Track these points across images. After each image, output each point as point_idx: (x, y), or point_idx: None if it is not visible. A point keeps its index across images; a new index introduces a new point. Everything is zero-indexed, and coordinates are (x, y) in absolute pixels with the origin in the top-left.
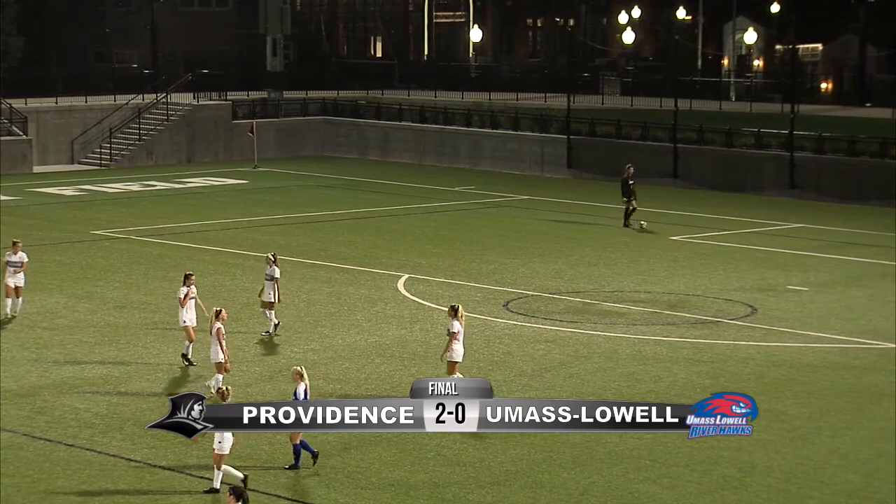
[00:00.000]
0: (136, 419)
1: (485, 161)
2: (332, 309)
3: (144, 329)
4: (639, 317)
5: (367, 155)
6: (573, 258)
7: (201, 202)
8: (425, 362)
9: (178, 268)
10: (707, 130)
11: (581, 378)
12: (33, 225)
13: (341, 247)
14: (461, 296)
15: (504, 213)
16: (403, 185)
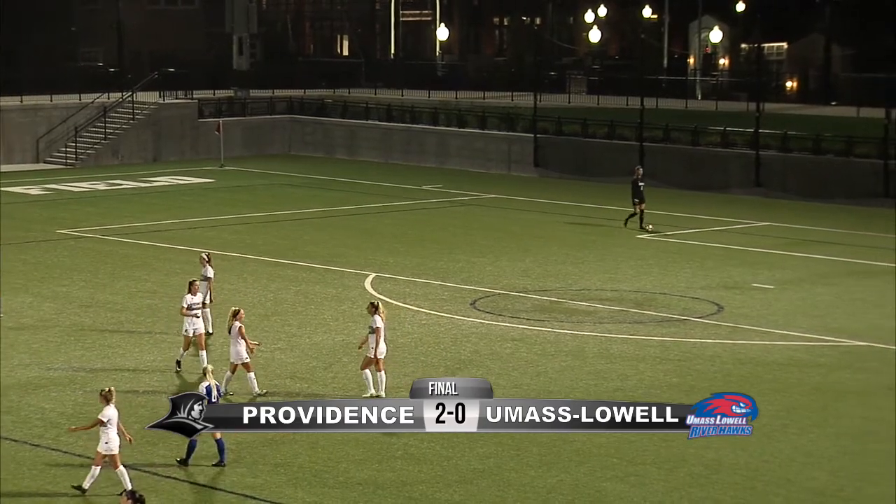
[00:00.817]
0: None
1: (452, 160)
2: (300, 308)
3: (111, 329)
4: (606, 315)
5: (333, 154)
6: (540, 256)
7: (167, 201)
8: (392, 361)
9: (145, 267)
10: (673, 129)
11: (548, 376)
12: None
13: (308, 245)
14: (428, 294)
15: (471, 211)
16: (370, 184)
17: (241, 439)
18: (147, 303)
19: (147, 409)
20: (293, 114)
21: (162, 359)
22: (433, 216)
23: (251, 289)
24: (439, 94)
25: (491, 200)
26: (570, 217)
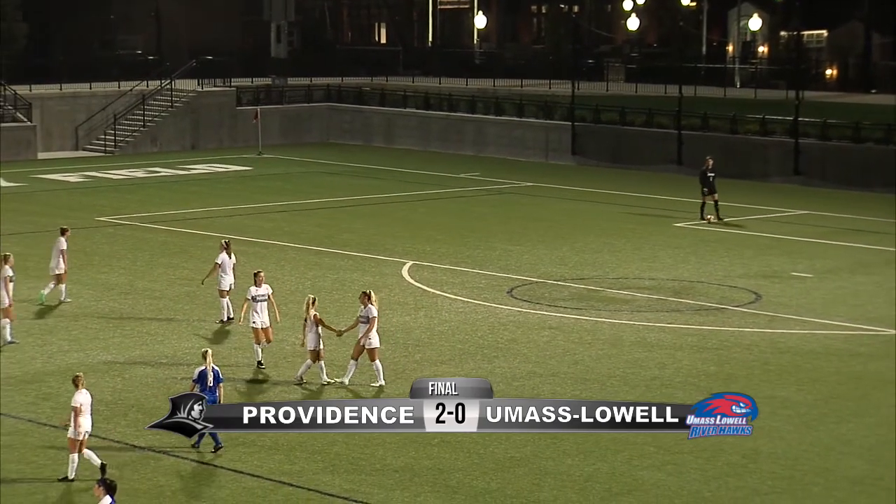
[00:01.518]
0: (141, 406)
1: (489, 148)
2: (337, 296)
3: (149, 316)
4: (643, 303)
5: (371, 142)
6: (577, 245)
7: (205, 189)
8: (429, 348)
9: (183, 254)
10: (711, 117)
11: (585, 364)
12: (37, 211)
13: (346, 233)
14: (466, 282)
15: (509, 199)
16: (408, 172)
17: None
18: (185, 290)
19: None
20: (331, 102)
21: (200, 346)
22: (471, 204)
23: (289, 277)
24: (477, 83)
25: (528, 188)
26: (608, 205)
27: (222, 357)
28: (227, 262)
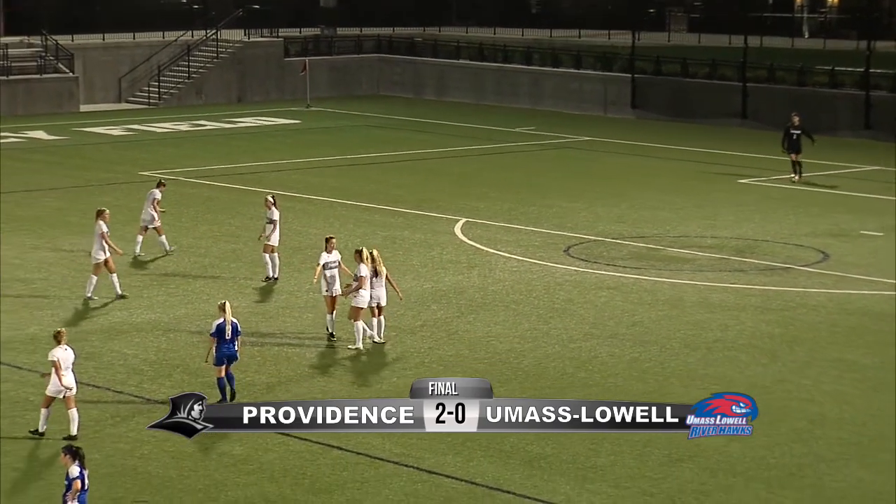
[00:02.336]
0: (186, 366)
1: (546, 101)
2: (387, 254)
3: (194, 274)
4: (705, 263)
5: (423, 94)
6: (637, 202)
7: (252, 143)
8: (483, 309)
9: (228, 210)
10: (778, 69)
11: (645, 326)
12: (80, 166)
13: (396, 189)
14: (520, 240)
15: (566, 154)
16: (461, 126)
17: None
18: (231, 247)
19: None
20: (381, 53)
21: (246, 305)
22: (526, 160)
23: (337, 234)
24: (533, 33)
25: (586, 143)
26: (669, 161)
27: (269, 317)
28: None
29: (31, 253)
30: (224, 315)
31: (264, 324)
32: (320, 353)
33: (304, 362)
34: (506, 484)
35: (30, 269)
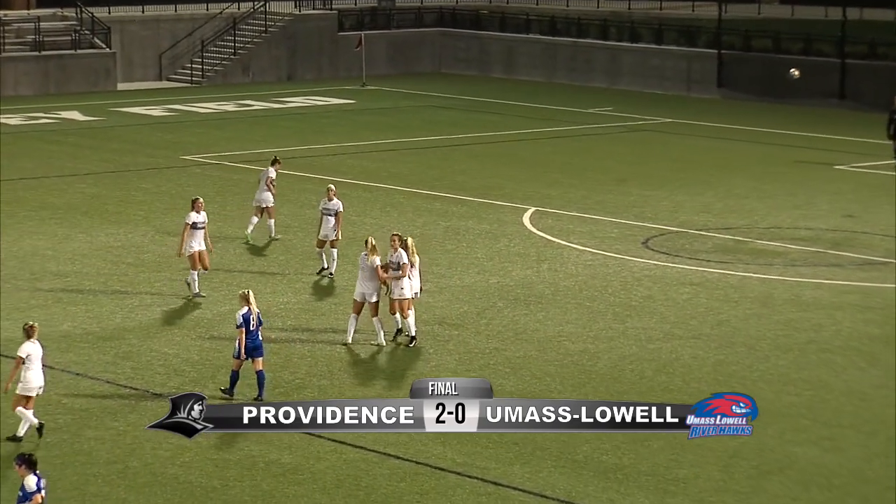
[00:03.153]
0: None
1: (623, 79)
2: (449, 246)
3: (240, 268)
4: (798, 257)
5: (489, 72)
6: (723, 190)
7: (303, 124)
8: (553, 306)
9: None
10: (880, 44)
11: (731, 325)
12: (117, 149)
13: (460, 175)
14: (595, 231)
15: (645, 138)
16: (530, 107)
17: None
18: (280, 238)
19: (280, 356)
20: (444, 26)
21: (296, 301)
22: (601, 143)
23: (395, 224)
24: (610, 4)
25: (667, 126)
26: (758, 145)
27: (320, 314)
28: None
29: (65, 244)
30: (248, 305)
31: (315, 321)
32: (373, 353)
33: (359, 363)
34: (578, 497)
35: (63, 261)
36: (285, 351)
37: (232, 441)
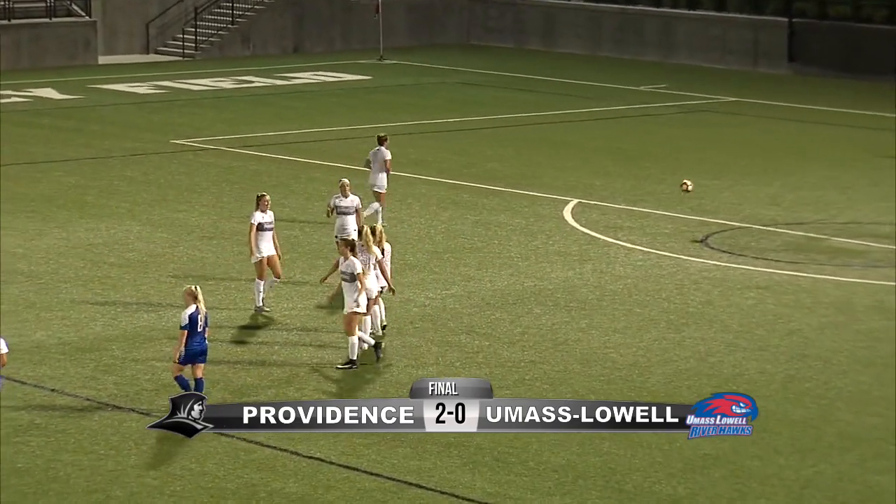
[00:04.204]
0: (227, 382)
1: (679, 52)
2: (479, 243)
3: (238, 266)
4: (881, 256)
5: (525, 44)
6: (794, 179)
7: (311, 104)
8: (599, 313)
9: (282, 188)
10: None
11: (804, 335)
12: (98, 132)
13: (491, 162)
14: (647, 227)
15: (704, 119)
16: (572, 83)
17: None
18: (284, 234)
19: (283, 369)
20: None
21: (302, 307)
22: (654, 126)
23: (417, 218)
24: None
25: (730, 105)
26: (836, 127)
27: (331, 320)
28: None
29: (38, 240)
30: (196, 303)
31: (326, 327)
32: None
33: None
34: None
35: (35, 260)
36: (291, 360)
37: (230, 467)
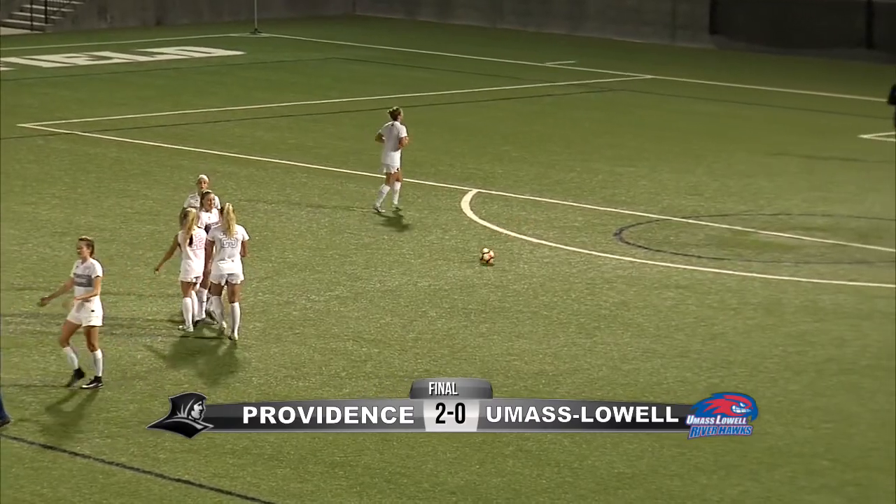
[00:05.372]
0: (82, 411)
1: (589, 24)
2: (367, 239)
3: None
4: (814, 251)
5: (417, 15)
6: (718, 166)
7: (177, 83)
8: (501, 316)
9: (145, 177)
10: None
11: (728, 339)
12: None
13: (380, 149)
14: (554, 219)
15: (618, 100)
16: (471, 60)
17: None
18: (147, 229)
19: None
20: None
21: (169, 310)
22: (562, 107)
23: (298, 211)
24: None
25: (646, 84)
26: (763, 108)
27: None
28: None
29: None
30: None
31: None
32: (266, 378)
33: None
34: None
35: None
36: (154, 378)
37: (86, 492)
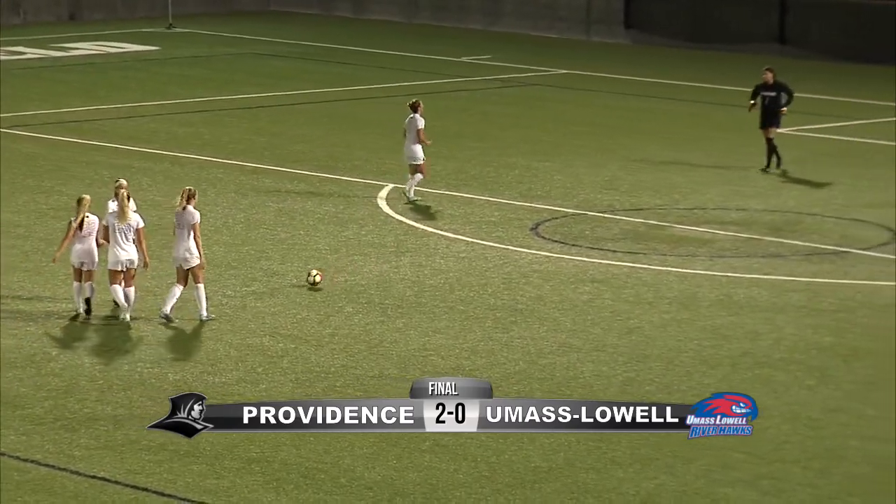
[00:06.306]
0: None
1: (505, 19)
2: (283, 234)
3: (12, 264)
4: (728, 245)
5: (333, 10)
6: (634, 160)
7: (91, 78)
8: (417, 311)
9: (59, 173)
10: None
11: (644, 334)
12: None
13: (297, 144)
14: (470, 214)
15: (533, 94)
16: (385, 55)
17: None
18: (62, 225)
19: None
20: None
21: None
22: (477, 101)
23: (213, 206)
24: None
25: (561, 78)
26: (678, 103)
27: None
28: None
29: None
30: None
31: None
32: (182, 374)
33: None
34: None
35: None
36: (68, 373)
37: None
